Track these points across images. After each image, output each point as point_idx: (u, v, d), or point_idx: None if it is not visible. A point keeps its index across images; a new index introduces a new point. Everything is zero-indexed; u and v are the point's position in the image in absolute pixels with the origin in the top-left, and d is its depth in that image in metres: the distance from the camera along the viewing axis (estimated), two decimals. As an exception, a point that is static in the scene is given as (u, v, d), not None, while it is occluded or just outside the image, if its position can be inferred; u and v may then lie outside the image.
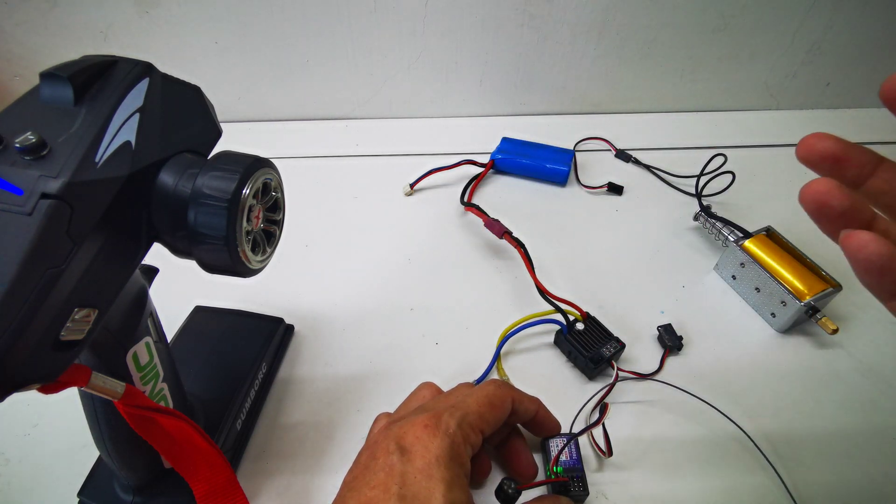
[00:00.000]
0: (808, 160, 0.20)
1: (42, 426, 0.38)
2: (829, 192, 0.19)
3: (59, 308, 0.19)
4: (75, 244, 0.19)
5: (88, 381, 0.22)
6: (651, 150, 0.61)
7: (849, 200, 0.19)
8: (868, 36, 0.62)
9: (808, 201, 0.19)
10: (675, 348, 0.41)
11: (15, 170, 0.19)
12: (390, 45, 0.61)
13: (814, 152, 0.20)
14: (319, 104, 0.66)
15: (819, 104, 0.68)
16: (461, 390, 0.32)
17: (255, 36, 0.59)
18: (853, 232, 0.18)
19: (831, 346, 0.42)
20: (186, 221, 0.22)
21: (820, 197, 0.19)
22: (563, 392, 0.39)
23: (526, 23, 0.59)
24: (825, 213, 0.19)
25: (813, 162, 0.20)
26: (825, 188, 0.19)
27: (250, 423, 0.37)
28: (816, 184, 0.19)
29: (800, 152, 0.20)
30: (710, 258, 0.49)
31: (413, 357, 0.42)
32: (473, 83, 0.64)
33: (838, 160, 0.20)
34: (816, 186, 0.19)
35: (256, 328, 0.40)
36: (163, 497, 0.32)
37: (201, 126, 0.26)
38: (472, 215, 0.51)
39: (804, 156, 0.20)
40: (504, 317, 0.42)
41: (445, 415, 0.28)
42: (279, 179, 0.27)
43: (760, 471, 0.35)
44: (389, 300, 0.46)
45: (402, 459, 0.27)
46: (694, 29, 0.60)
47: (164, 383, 0.29)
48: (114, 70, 0.23)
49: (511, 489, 0.29)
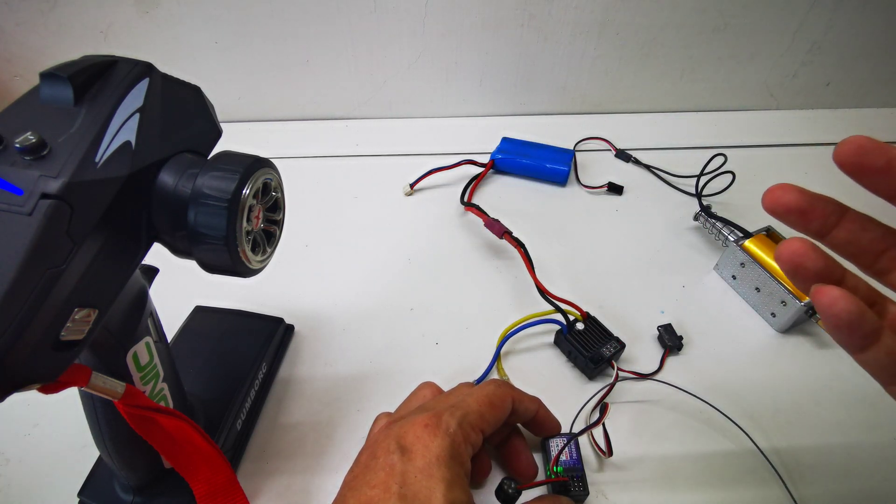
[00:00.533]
0: (773, 212, 0.21)
1: (42, 426, 0.38)
2: (804, 254, 0.20)
3: (59, 308, 0.19)
4: (75, 244, 0.19)
5: (88, 381, 0.22)
6: (651, 150, 0.61)
7: (822, 262, 0.20)
8: (868, 36, 0.62)
9: (785, 261, 0.21)
10: (675, 348, 0.41)
11: (15, 170, 0.19)
12: (390, 45, 0.61)
13: (779, 204, 0.21)
14: (319, 104, 0.66)
15: (819, 104, 0.68)
16: (461, 390, 0.32)
17: (255, 36, 0.59)
18: (824, 287, 0.19)
19: (831, 346, 0.42)
20: (186, 221, 0.22)
21: (796, 258, 0.20)
22: (563, 392, 0.39)
23: (526, 23, 0.59)
24: (801, 273, 0.20)
25: (779, 213, 0.21)
26: (801, 250, 0.20)
27: (250, 423, 0.37)
28: (792, 244, 0.20)
29: (765, 204, 0.21)
30: (711, 258, 0.49)
31: (413, 357, 0.42)
32: (473, 83, 0.64)
33: (803, 212, 0.21)
34: (792, 247, 0.20)
35: (256, 328, 0.40)
36: (163, 497, 0.32)
37: (201, 126, 0.26)
38: (472, 215, 0.51)
39: (770, 208, 0.21)
40: (504, 317, 0.42)
41: (446, 414, 0.28)
42: (279, 179, 0.27)
43: (760, 470, 0.35)
44: (389, 300, 0.46)
45: (402, 459, 0.27)
46: (694, 29, 0.60)
47: (164, 383, 0.29)
48: (114, 70, 0.23)
49: (511, 489, 0.29)
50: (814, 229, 0.21)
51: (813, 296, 0.19)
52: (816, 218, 0.21)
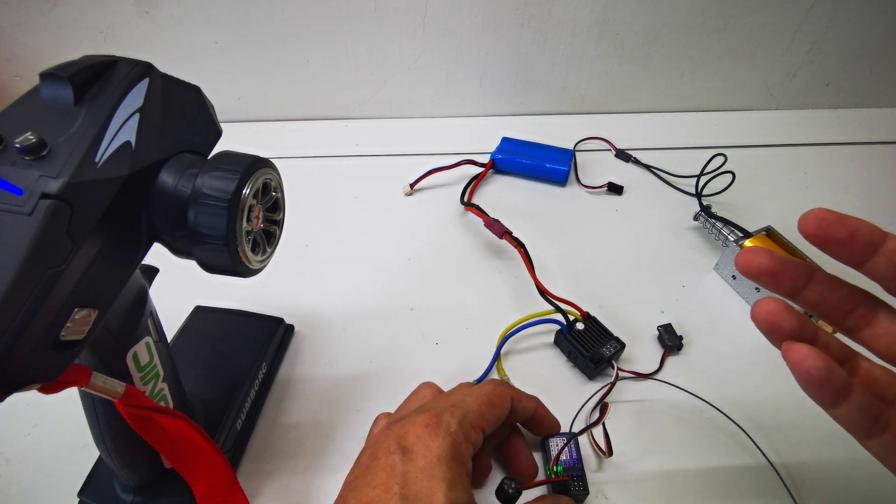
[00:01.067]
0: (747, 274, 0.23)
1: (42, 426, 0.38)
2: (778, 314, 0.22)
3: (59, 308, 0.19)
4: (75, 244, 0.19)
5: (88, 381, 0.22)
6: (651, 150, 0.61)
7: (796, 321, 0.22)
8: (868, 36, 0.62)
9: (761, 321, 0.22)
10: (676, 348, 0.41)
11: (15, 170, 0.19)
12: (390, 45, 0.61)
13: (752, 267, 0.22)
14: (319, 104, 0.66)
15: (819, 104, 0.68)
16: (461, 390, 0.32)
17: (255, 36, 0.59)
18: (794, 345, 0.20)
19: (831, 346, 0.42)
20: (186, 221, 0.22)
21: (770, 318, 0.22)
22: (563, 392, 0.39)
23: (526, 23, 0.59)
24: (776, 333, 0.22)
25: (752, 275, 0.23)
26: (775, 310, 0.22)
27: (250, 422, 0.37)
28: (766, 305, 0.22)
29: (739, 266, 0.23)
30: (711, 258, 0.49)
31: (413, 357, 0.42)
32: (473, 83, 0.65)
33: (774, 274, 0.22)
34: (766, 308, 0.22)
35: (256, 328, 0.40)
36: (163, 497, 0.32)
37: (201, 126, 0.26)
38: (472, 215, 0.51)
39: (744, 270, 0.23)
40: (504, 317, 0.42)
41: (446, 414, 0.28)
42: (279, 179, 0.27)
43: (761, 470, 0.35)
44: (389, 300, 0.46)
45: (403, 459, 0.27)
46: (694, 29, 0.60)
47: (164, 383, 0.29)
48: (114, 70, 0.23)
49: (511, 489, 0.29)
50: (785, 290, 0.23)
51: (784, 353, 0.20)
52: (786, 280, 0.22)
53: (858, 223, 0.20)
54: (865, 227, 0.20)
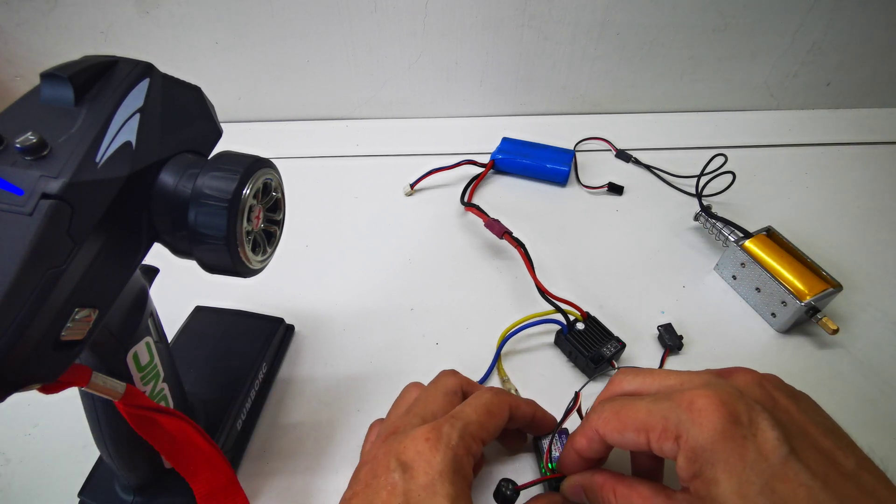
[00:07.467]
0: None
1: (43, 426, 0.38)
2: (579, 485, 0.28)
3: (59, 308, 0.19)
4: (76, 244, 0.19)
5: (89, 381, 0.22)
6: (651, 150, 0.61)
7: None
8: (868, 36, 0.62)
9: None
10: (676, 348, 0.41)
11: (15, 170, 0.19)
12: (390, 45, 0.61)
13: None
14: (319, 104, 0.66)
15: (819, 104, 0.68)
16: (428, 392, 0.32)
17: (255, 36, 0.59)
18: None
19: (832, 346, 0.42)
20: (187, 221, 0.22)
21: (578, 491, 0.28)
22: (564, 392, 0.39)
23: (526, 23, 0.59)
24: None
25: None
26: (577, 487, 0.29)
27: (251, 423, 0.37)
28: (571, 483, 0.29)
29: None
30: (711, 258, 0.49)
31: (413, 357, 0.42)
32: (473, 83, 0.65)
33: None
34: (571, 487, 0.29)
35: (256, 328, 0.40)
36: (163, 497, 0.32)
37: (201, 126, 0.26)
38: (473, 215, 0.51)
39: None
40: (504, 317, 0.42)
41: (446, 426, 0.28)
42: (279, 179, 0.27)
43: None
44: (389, 300, 0.46)
45: (404, 477, 0.26)
46: (694, 29, 0.60)
47: (164, 383, 0.29)
48: (114, 70, 0.23)
49: (509, 490, 0.29)
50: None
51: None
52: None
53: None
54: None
